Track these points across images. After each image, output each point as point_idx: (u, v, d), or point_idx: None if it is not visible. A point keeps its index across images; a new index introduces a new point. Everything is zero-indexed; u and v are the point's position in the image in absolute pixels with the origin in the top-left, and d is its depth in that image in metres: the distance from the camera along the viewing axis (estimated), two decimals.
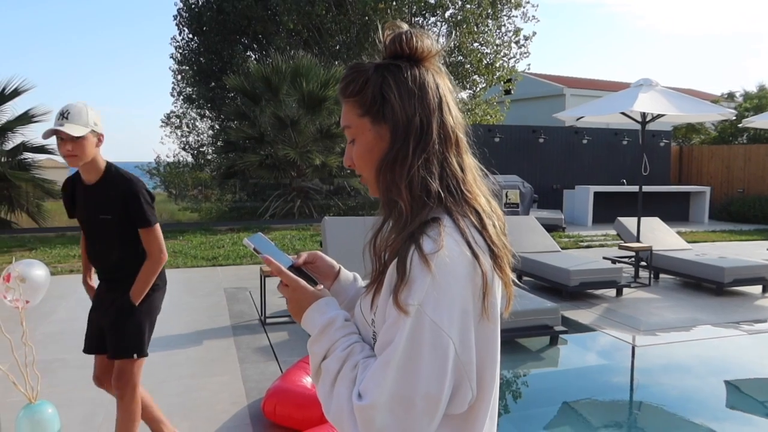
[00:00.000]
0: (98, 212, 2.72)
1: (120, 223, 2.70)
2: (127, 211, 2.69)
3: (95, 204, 2.73)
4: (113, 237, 2.75)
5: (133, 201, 2.67)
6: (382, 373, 0.96)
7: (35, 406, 3.07)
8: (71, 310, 6.23)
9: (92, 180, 2.72)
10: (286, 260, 1.23)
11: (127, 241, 2.76)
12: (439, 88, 1.10)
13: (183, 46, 21.00)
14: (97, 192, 2.73)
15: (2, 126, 12.74)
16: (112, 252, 2.80)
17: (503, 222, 1.13)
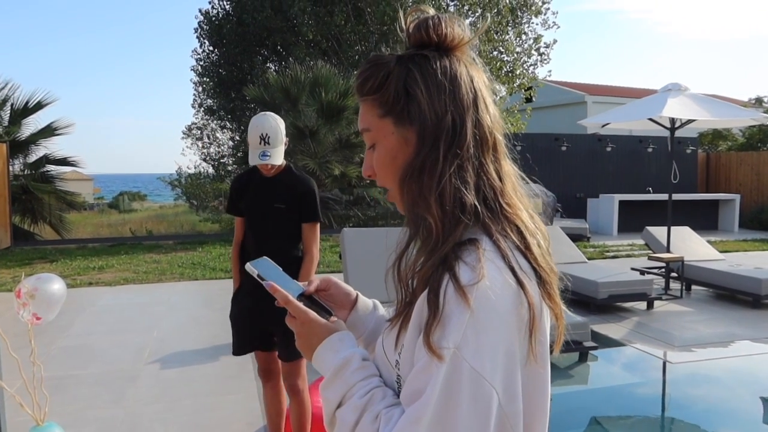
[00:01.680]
0: (273, 201, 2.90)
1: (290, 215, 2.90)
2: (299, 203, 2.90)
3: (272, 193, 2.91)
4: (280, 227, 2.92)
5: (309, 194, 2.91)
6: (411, 431, 0.79)
7: (42, 429, 2.94)
8: (88, 324, 6.16)
9: (271, 173, 2.92)
10: (295, 288, 1.07)
11: (290, 234, 2.94)
12: (474, 82, 0.92)
13: (203, 59, 21.14)
14: (275, 183, 2.93)
15: (26, 139, 12.87)
16: (274, 242, 2.93)
17: (548, 240, 0.96)
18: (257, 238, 3.00)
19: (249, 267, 1.09)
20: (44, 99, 12.88)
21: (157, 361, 4.91)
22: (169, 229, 17.43)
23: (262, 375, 3.08)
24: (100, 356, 5.08)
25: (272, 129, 2.83)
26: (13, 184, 12.28)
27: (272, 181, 2.95)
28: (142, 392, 4.21)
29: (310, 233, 2.94)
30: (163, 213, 26.49)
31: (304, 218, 2.93)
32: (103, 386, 4.34)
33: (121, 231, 16.63)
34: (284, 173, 2.96)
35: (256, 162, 2.81)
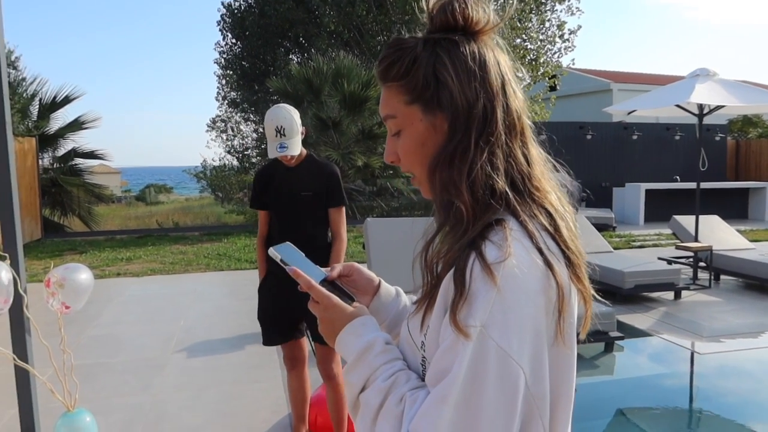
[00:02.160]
0: (300, 189, 2.96)
1: (317, 201, 2.96)
2: (325, 189, 2.95)
3: (297, 183, 2.96)
4: (307, 214, 2.97)
5: (334, 179, 2.97)
6: (437, 410, 0.78)
7: (73, 415, 3.01)
8: (117, 314, 6.28)
9: (294, 163, 2.97)
10: (318, 273, 1.07)
11: (317, 222, 3.00)
12: (501, 66, 0.91)
13: (227, 51, 21.29)
14: (299, 172, 2.98)
15: (54, 133, 13.12)
16: (303, 231, 2.97)
17: (575, 223, 0.95)
18: (285, 228, 3.02)
19: (272, 252, 1.09)
20: (71, 93, 13.11)
21: (183, 349, 4.99)
22: (195, 220, 17.64)
23: (287, 363, 3.11)
24: (128, 345, 5.19)
25: (286, 120, 2.85)
26: (43, 177, 12.55)
27: (296, 171, 2.98)
28: (170, 380, 4.29)
29: (337, 217, 3.00)
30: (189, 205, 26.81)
31: (331, 203, 2.98)
32: (131, 374, 4.43)
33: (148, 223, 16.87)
34: (307, 162, 2.99)
35: (274, 154, 2.84)
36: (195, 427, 3.51)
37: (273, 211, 3.09)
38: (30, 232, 11.67)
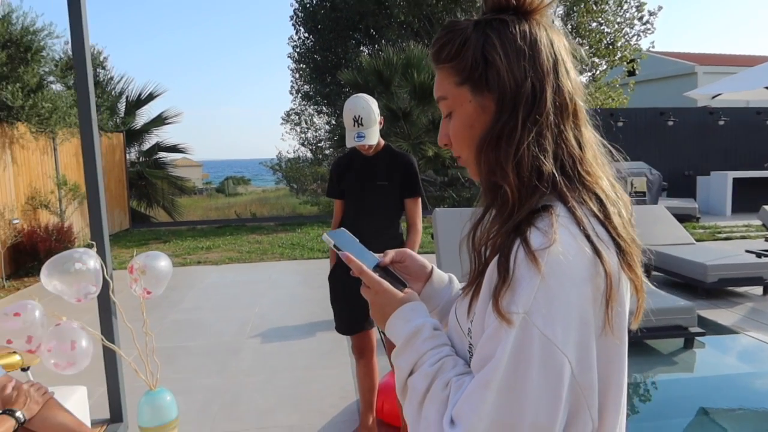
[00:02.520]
0: (376, 179, 3.01)
1: (393, 191, 3.00)
2: (401, 179, 2.98)
3: (374, 172, 3.01)
4: (382, 204, 3.02)
5: (410, 170, 2.99)
6: (480, 395, 0.78)
7: (155, 393, 3.19)
8: (197, 300, 6.59)
9: (371, 153, 3.01)
10: (371, 259, 1.09)
11: (392, 212, 3.04)
12: (554, 46, 0.89)
13: (299, 45, 21.70)
14: (376, 162, 3.02)
15: (140, 128, 13.85)
16: (377, 219, 3.04)
17: (630, 210, 0.92)
18: (360, 217, 3.07)
19: (326, 237, 1.12)
20: (155, 90, 13.79)
21: (258, 335, 5.17)
22: (271, 211, 18.17)
23: (356, 352, 3.16)
24: (206, 330, 5.44)
25: (364, 110, 2.89)
26: (130, 170, 13.29)
27: (373, 160, 3.03)
28: (244, 364, 4.47)
29: (413, 207, 3.02)
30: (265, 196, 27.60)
31: (407, 193, 3.01)
32: (209, 357, 4.65)
33: (227, 214, 17.54)
34: (384, 151, 3.03)
35: (352, 143, 2.88)
36: (267, 409, 3.64)
37: (348, 200, 3.14)
38: (119, 222, 12.40)
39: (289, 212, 17.68)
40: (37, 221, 8.72)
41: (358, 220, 3.08)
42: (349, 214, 3.15)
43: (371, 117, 2.89)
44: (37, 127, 8.56)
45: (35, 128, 8.57)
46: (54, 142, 9.42)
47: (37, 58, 8.66)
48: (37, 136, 8.83)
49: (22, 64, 8.38)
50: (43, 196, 9.03)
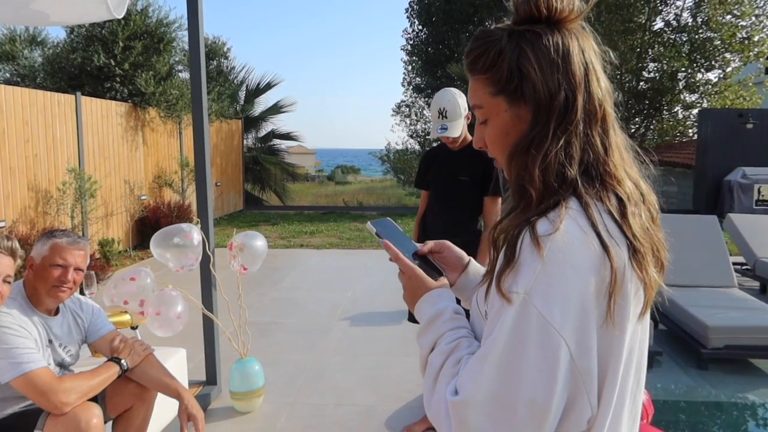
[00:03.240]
0: (458, 173, 3.06)
1: (473, 187, 3.03)
2: (482, 176, 3.00)
3: (456, 166, 3.07)
4: (461, 199, 3.07)
5: (491, 167, 2.97)
6: (477, 367, 0.84)
7: (245, 362, 3.46)
8: (297, 280, 6.95)
9: (457, 147, 3.08)
10: (410, 247, 1.17)
11: (471, 207, 3.07)
12: (585, 54, 0.92)
13: (413, 38, 21.85)
14: (460, 156, 3.08)
15: (258, 116, 14.66)
16: (456, 213, 3.13)
17: (655, 211, 0.94)
18: (440, 209, 3.16)
19: (369, 225, 1.21)
20: (273, 80, 14.53)
21: (347, 318, 5.39)
22: (378, 201, 18.54)
23: None
24: (301, 309, 5.74)
25: (450, 103, 2.95)
26: (246, 155, 14.11)
27: (457, 155, 3.08)
28: (332, 344, 4.69)
29: (491, 206, 3.03)
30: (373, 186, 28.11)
31: (486, 191, 3.02)
32: (299, 335, 4.92)
33: (335, 201, 18.13)
34: (469, 147, 3.07)
35: (435, 135, 2.97)
36: (347, 387, 3.82)
37: (432, 192, 3.24)
38: (233, 203, 13.24)
39: (394, 203, 17.96)
40: (162, 198, 9.55)
41: (440, 212, 3.16)
42: (432, 205, 3.24)
43: (456, 111, 2.94)
44: (166, 112, 9.36)
45: (164, 113, 9.37)
46: (180, 126, 10.24)
47: (168, 48, 9.45)
48: (165, 120, 9.65)
49: (155, 53, 9.18)
50: (167, 175, 9.86)
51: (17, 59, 9.60)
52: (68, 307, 2.39)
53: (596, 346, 0.83)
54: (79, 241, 2.29)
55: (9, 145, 6.34)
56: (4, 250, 1.99)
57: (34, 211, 6.75)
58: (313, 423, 3.34)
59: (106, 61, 8.62)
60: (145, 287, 3.13)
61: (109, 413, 2.33)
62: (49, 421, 2.05)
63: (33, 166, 6.74)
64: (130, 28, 8.79)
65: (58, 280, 2.20)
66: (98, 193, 7.60)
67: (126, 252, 8.40)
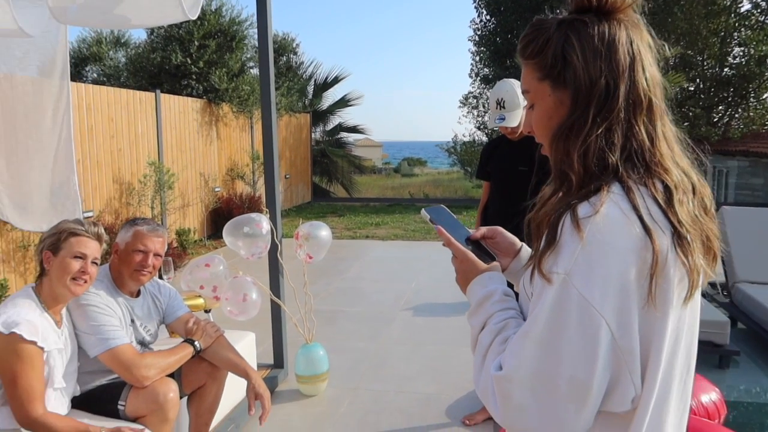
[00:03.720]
0: (517, 164, 3.12)
1: (532, 178, 3.03)
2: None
3: (516, 157, 3.11)
4: (521, 189, 3.10)
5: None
6: (519, 344, 0.89)
7: (310, 347, 3.60)
8: (362, 270, 7.10)
9: (517, 138, 3.13)
10: (463, 233, 1.22)
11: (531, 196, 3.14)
12: (633, 45, 0.94)
13: (481, 28, 21.57)
14: (520, 147, 3.11)
15: (326, 109, 14.93)
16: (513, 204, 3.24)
17: (708, 202, 0.95)
18: (501, 200, 3.18)
19: (423, 212, 1.27)
20: (340, 74, 14.74)
21: (410, 308, 5.47)
22: (444, 193, 18.51)
23: None
24: (365, 298, 5.87)
25: (508, 94, 2.96)
26: (314, 148, 14.42)
27: (517, 146, 3.10)
28: (394, 333, 4.78)
29: None
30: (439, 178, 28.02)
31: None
32: (363, 323, 5.04)
33: (401, 193, 18.23)
34: (528, 138, 3.06)
35: (492, 125, 3.00)
36: (408, 376, 3.90)
37: (493, 183, 3.27)
38: (302, 195, 13.58)
39: (461, 195, 17.88)
40: (234, 190, 9.94)
41: (500, 203, 3.17)
42: (494, 196, 3.26)
43: (514, 101, 2.95)
44: (238, 107, 9.72)
45: (236, 108, 9.74)
46: (251, 120, 10.60)
47: (240, 46, 9.79)
48: (237, 115, 10.02)
49: (228, 51, 9.53)
50: (239, 168, 10.25)
51: (103, 60, 10.21)
52: (148, 289, 2.58)
53: (638, 326, 0.85)
54: (158, 228, 2.47)
55: (96, 141, 6.78)
56: (92, 235, 2.18)
57: (118, 202, 7.19)
58: (375, 408, 3.44)
59: (182, 60, 9.04)
60: (218, 274, 3.32)
61: (184, 389, 2.50)
62: (131, 394, 2.24)
63: (117, 160, 7.18)
64: (205, 27, 9.17)
65: (140, 265, 2.38)
66: (176, 185, 8.00)
67: (201, 241, 8.81)
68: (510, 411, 0.88)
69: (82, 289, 2.13)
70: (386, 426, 3.23)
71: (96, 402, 2.29)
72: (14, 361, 1.92)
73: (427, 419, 3.31)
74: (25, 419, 1.94)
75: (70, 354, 2.18)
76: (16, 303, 2.04)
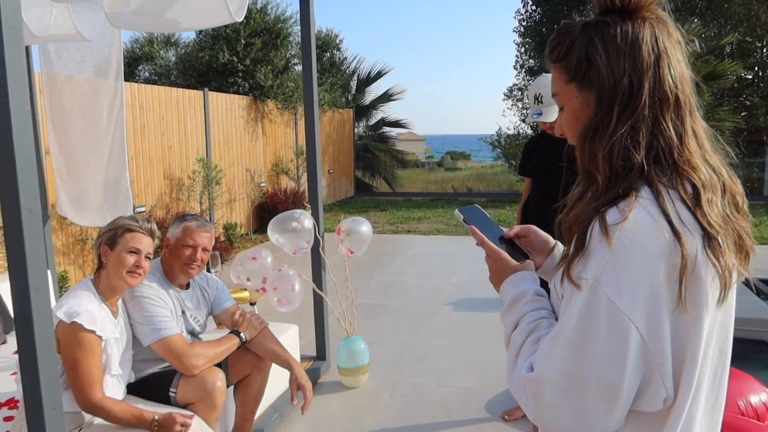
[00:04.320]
0: (558, 160, 3.18)
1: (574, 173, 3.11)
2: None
3: (557, 153, 3.14)
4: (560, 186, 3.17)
5: None
6: (549, 347, 0.91)
7: (351, 340, 3.68)
8: (403, 265, 7.15)
9: (558, 133, 3.06)
10: (497, 231, 1.24)
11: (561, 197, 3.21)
12: (659, 42, 0.94)
13: (526, 19, 21.25)
14: (561, 144, 3.18)
15: (368, 104, 15.01)
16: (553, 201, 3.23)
17: (741, 200, 0.96)
18: (541, 196, 3.18)
19: (456, 212, 1.31)
20: (383, 69, 14.78)
21: (451, 303, 5.50)
22: (488, 187, 18.34)
23: None
24: (406, 292, 5.93)
25: (546, 89, 2.96)
26: (357, 143, 14.53)
27: (558, 142, 3.08)
28: (435, 327, 4.82)
29: None
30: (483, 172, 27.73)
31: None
32: (404, 317, 5.10)
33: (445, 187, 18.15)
34: None
35: (530, 120, 3.02)
36: (449, 370, 3.94)
37: (534, 179, 3.27)
38: (345, 190, 13.72)
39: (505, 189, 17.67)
40: (279, 185, 10.13)
41: (540, 199, 3.17)
42: (534, 192, 3.26)
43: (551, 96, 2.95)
44: (282, 103, 9.89)
45: (281, 105, 9.91)
46: (295, 116, 10.77)
47: (285, 43, 9.96)
48: (282, 112, 10.20)
49: (273, 49, 9.71)
50: (284, 164, 10.44)
51: (155, 59, 10.54)
52: (197, 282, 2.70)
53: (669, 330, 0.86)
54: (206, 224, 2.58)
55: (148, 138, 7.04)
56: (146, 231, 2.30)
57: (169, 197, 7.45)
58: (415, 401, 3.49)
59: (230, 58, 9.26)
60: (265, 266, 3.43)
61: (231, 379, 2.61)
62: (181, 381, 2.36)
63: (168, 156, 7.43)
64: (251, 26, 9.37)
65: (189, 259, 2.49)
66: (223, 180, 8.23)
67: (247, 235, 9.03)
68: (541, 410, 0.91)
69: (137, 281, 2.25)
70: (426, 419, 3.29)
71: (149, 388, 2.42)
72: (75, 348, 2.05)
73: (467, 414, 3.35)
74: (85, 403, 2.07)
75: (126, 343, 2.31)
76: (77, 294, 2.17)
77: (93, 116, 4.01)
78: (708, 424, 0.97)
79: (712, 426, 0.98)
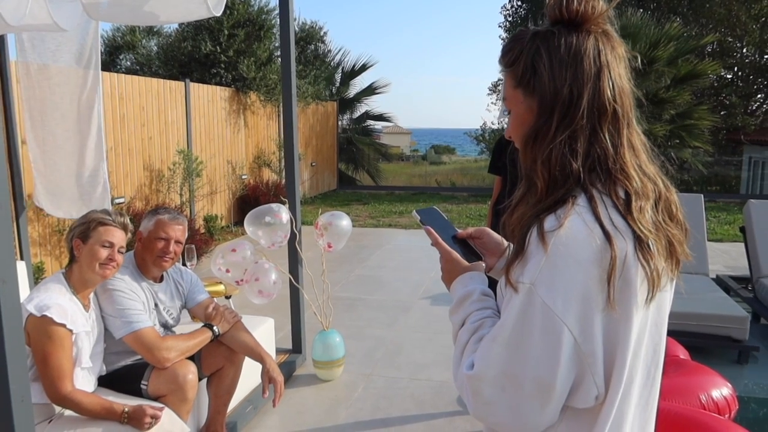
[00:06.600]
0: None
1: None
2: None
3: None
4: None
5: None
6: (488, 346, 0.96)
7: (327, 333, 3.72)
8: (381, 260, 7.19)
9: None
10: (450, 233, 1.29)
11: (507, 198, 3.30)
12: (601, 55, 0.98)
13: (512, 14, 21.37)
14: None
15: (352, 97, 14.99)
16: None
17: (675, 208, 1.01)
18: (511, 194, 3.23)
19: (414, 213, 1.35)
20: (368, 62, 14.75)
21: (428, 297, 5.56)
22: (471, 182, 18.44)
23: None
24: (384, 286, 5.97)
25: None
26: (341, 136, 14.51)
27: None
28: (411, 321, 4.87)
29: None
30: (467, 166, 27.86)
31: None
32: (382, 311, 5.15)
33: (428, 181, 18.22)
34: None
35: (500, 118, 3.06)
36: (423, 363, 3.99)
37: (504, 178, 3.32)
38: (328, 183, 13.71)
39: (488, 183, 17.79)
40: (261, 177, 10.11)
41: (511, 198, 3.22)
42: (504, 191, 3.31)
43: None
44: (265, 95, 9.86)
45: (263, 97, 9.88)
46: (278, 109, 10.73)
47: (268, 35, 9.91)
48: (265, 104, 10.16)
49: (256, 40, 9.67)
50: (266, 156, 10.41)
51: (137, 48, 10.44)
52: (171, 275, 2.71)
53: (601, 331, 0.91)
54: (178, 217, 2.59)
55: (128, 129, 6.99)
56: (119, 225, 2.31)
57: (149, 188, 7.41)
58: (388, 394, 3.54)
59: (212, 49, 9.20)
60: (246, 258, 3.45)
61: (203, 371, 2.64)
62: (153, 374, 2.38)
63: (148, 147, 7.39)
64: (234, 17, 9.31)
65: (162, 251, 2.51)
66: (204, 172, 8.19)
67: (228, 227, 9.01)
68: (481, 406, 0.96)
69: (111, 273, 2.27)
70: (398, 412, 3.34)
71: (120, 381, 2.44)
72: (45, 341, 2.06)
73: (439, 407, 3.41)
74: (54, 395, 2.09)
75: (97, 336, 2.32)
76: (48, 287, 2.18)
77: (68, 106, 3.98)
78: (640, 420, 1.02)
79: (646, 421, 1.03)
